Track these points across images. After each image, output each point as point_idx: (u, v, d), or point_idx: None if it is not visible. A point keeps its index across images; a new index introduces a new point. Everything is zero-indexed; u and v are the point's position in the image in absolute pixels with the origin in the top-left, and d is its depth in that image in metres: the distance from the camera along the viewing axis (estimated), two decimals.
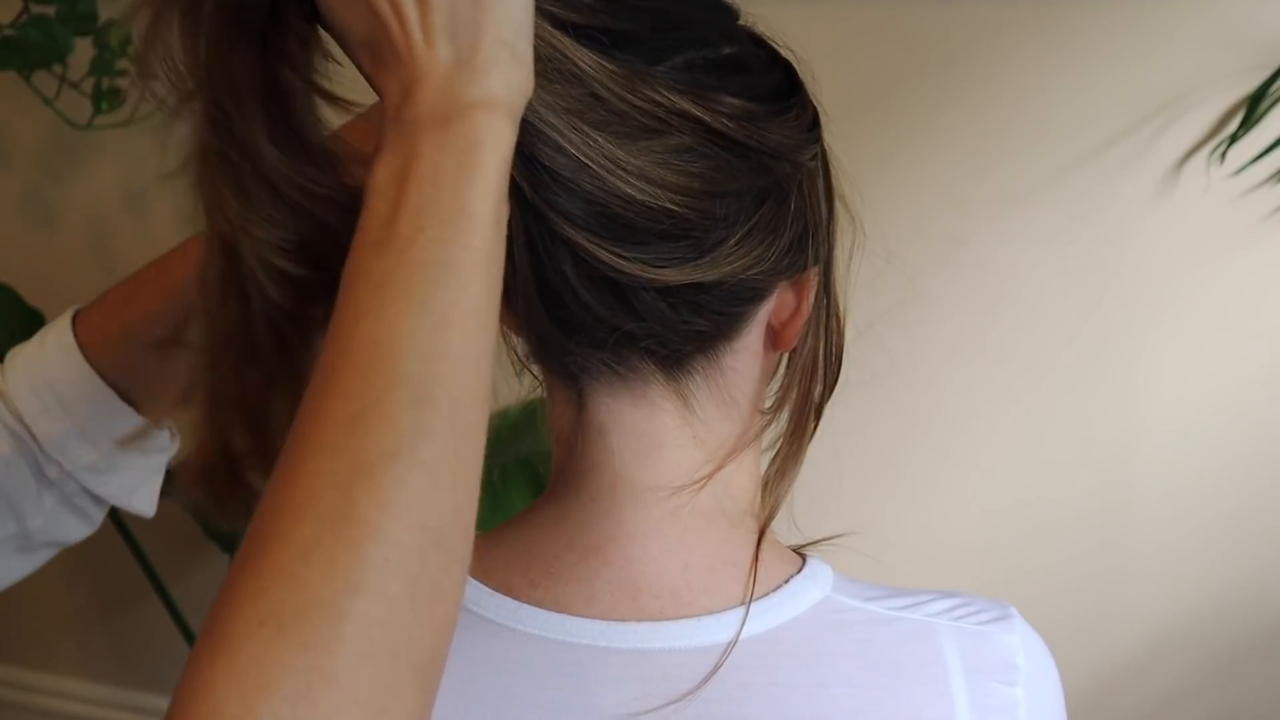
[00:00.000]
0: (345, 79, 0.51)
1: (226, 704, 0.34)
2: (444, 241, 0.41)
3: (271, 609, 0.35)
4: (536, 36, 0.48)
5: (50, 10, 1.31)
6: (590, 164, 0.49)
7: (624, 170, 0.50)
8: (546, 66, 0.49)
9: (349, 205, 0.48)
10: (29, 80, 1.36)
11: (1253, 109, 1.20)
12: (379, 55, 0.45)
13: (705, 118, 0.51)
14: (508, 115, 0.44)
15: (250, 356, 0.54)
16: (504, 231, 0.44)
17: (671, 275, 0.52)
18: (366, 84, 0.48)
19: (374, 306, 0.40)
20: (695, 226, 0.51)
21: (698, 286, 0.53)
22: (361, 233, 0.43)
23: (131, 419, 0.67)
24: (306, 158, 0.50)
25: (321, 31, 0.50)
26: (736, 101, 0.52)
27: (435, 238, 0.41)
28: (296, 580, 0.36)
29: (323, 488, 0.37)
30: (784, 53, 0.57)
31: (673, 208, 0.51)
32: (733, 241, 0.52)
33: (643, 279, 0.51)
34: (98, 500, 0.70)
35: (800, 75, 0.57)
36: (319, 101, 0.51)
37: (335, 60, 0.51)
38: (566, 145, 0.49)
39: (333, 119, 0.53)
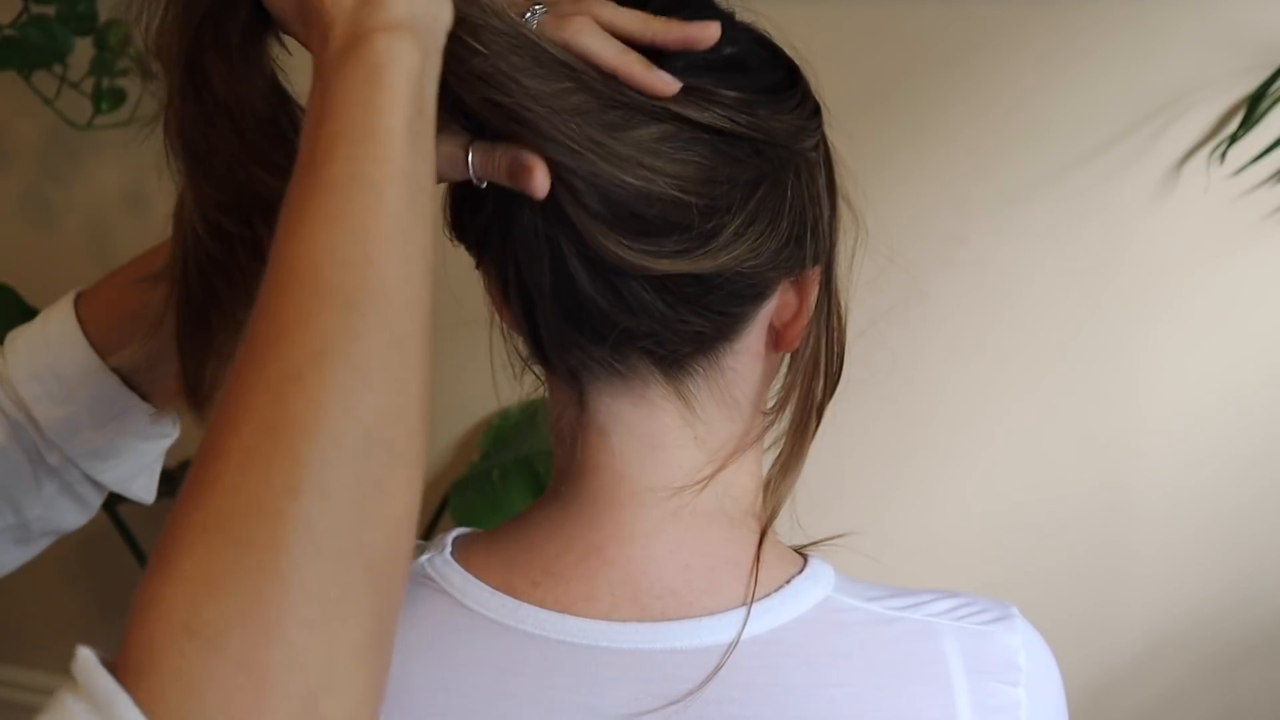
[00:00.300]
0: None
1: (174, 608, 0.35)
2: (355, 159, 0.42)
3: (214, 516, 0.36)
4: (513, 26, 0.50)
5: (50, 10, 1.31)
6: (579, 149, 0.50)
7: (615, 155, 0.50)
8: (524, 55, 0.49)
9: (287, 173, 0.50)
10: (29, 80, 1.36)
11: (1253, 109, 1.20)
12: (307, 20, 0.47)
13: (697, 116, 0.51)
14: (411, 34, 0.44)
15: (185, 298, 0.58)
16: (426, 146, 0.45)
17: (671, 265, 0.52)
18: None
19: (295, 229, 0.41)
20: (693, 211, 0.52)
21: (700, 282, 0.53)
22: (291, 175, 0.44)
23: (134, 403, 0.66)
24: (234, 132, 0.53)
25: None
26: (733, 94, 0.52)
27: (347, 157, 0.42)
28: (236, 486, 0.36)
29: (256, 396, 0.38)
30: (787, 51, 0.58)
31: (669, 192, 0.51)
32: (731, 230, 0.52)
33: (644, 268, 0.51)
34: (97, 486, 0.69)
35: (804, 72, 0.57)
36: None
37: (287, 49, 0.55)
38: (553, 131, 0.49)
39: None
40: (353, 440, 0.38)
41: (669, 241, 0.52)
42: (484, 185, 0.52)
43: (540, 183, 0.50)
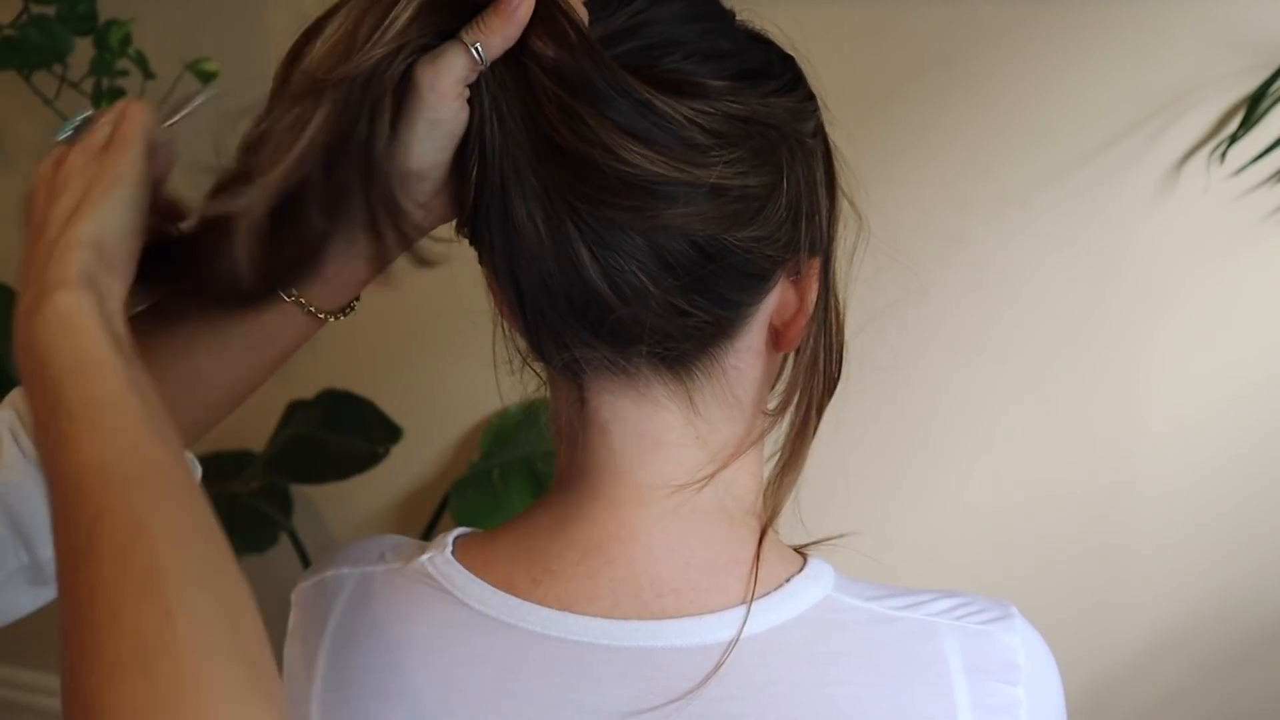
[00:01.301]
0: None
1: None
2: (84, 384, 0.49)
3: (114, 657, 0.42)
4: None
5: (50, 10, 1.31)
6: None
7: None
8: None
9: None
10: (29, 80, 1.37)
11: (1253, 109, 1.20)
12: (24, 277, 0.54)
13: (684, 112, 0.52)
14: (86, 287, 0.52)
15: None
16: (134, 359, 0.51)
17: (660, 162, 0.51)
18: None
19: (63, 451, 0.48)
20: (690, 135, 0.52)
21: (700, 255, 0.52)
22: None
23: None
24: None
25: None
26: (721, 82, 0.53)
27: (76, 385, 0.49)
28: (121, 633, 0.42)
29: (103, 569, 0.44)
30: (786, 49, 0.58)
31: (666, 111, 0.51)
32: (724, 161, 0.52)
33: (639, 164, 0.51)
34: None
35: (800, 66, 0.58)
36: None
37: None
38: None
39: None
40: (197, 566, 0.45)
41: (667, 145, 0.52)
42: (488, 65, 0.52)
43: None
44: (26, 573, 0.67)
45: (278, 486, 1.53)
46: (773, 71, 0.56)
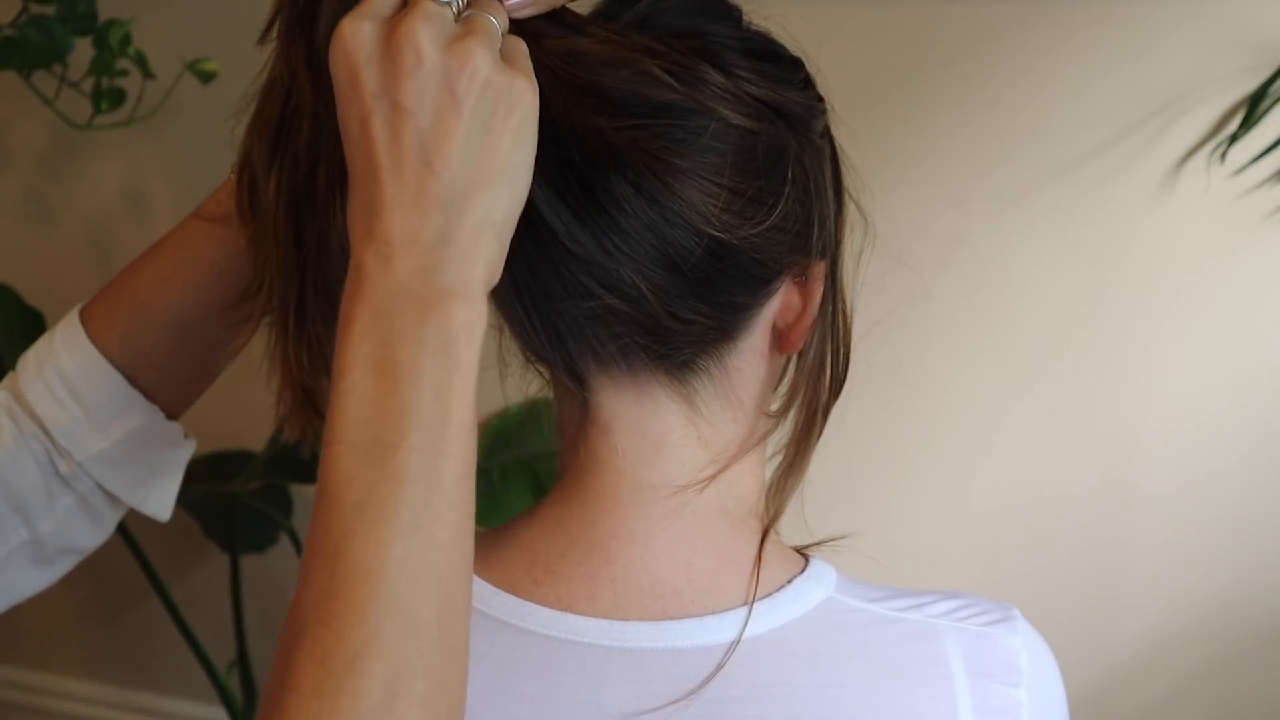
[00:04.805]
0: None
1: None
2: (428, 452, 0.40)
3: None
4: None
5: (50, 10, 1.31)
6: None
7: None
8: None
9: None
10: (29, 80, 1.36)
11: (1253, 109, 1.20)
12: (363, 194, 0.42)
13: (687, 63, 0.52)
14: (481, 301, 0.42)
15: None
16: (476, 430, 0.43)
17: (670, 76, 0.51)
18: None
19: (360, 525, 0.39)
20: (705, 74, 0.52)
21: (707, 253, 0.52)
22: (338, 426, 0.40)
23: (140, 405, 0.67)
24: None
25: None
26: (738, 60, 0.53)
27: (419, 447, 0.40)
28: None
29: None
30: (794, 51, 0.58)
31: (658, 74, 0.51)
32: (737, 99, 0.52)
33: (645, 65, 0.51)
34: (112, 501, 0.69)
35: (808, 67, 0.58)
36: None
37: None
38: None
39: None
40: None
41: (682, 73, 0.51)
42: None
43: None
44: (28, 549, 0.67)
45: (278, 486, 1.53)
46: (786, 66, 0.56)
